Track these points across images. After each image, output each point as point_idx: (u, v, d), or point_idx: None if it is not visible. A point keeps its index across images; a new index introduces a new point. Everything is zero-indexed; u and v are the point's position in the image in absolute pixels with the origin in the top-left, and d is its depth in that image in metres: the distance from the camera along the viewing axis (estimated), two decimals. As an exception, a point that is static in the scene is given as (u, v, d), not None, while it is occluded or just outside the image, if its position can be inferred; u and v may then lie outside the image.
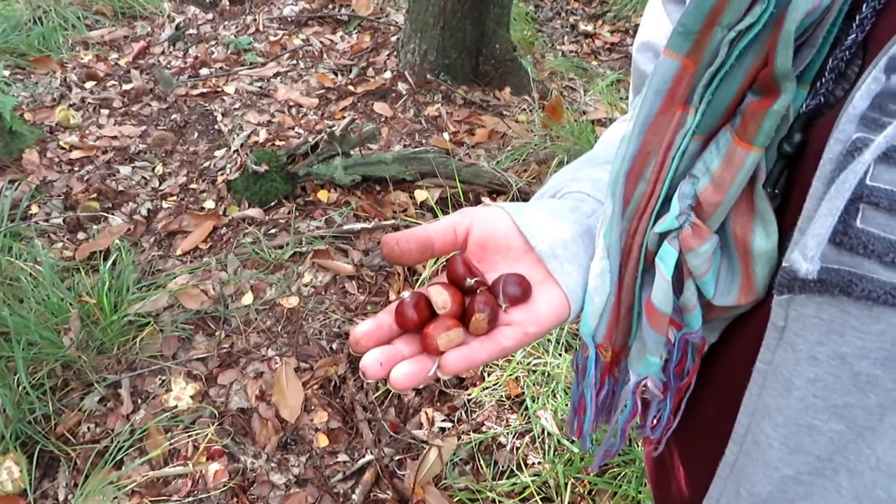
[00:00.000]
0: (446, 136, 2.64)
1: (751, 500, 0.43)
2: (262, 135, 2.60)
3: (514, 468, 1.58)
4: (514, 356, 1.78)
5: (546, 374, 1.74)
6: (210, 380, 1.75)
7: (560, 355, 1.77)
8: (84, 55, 3.08)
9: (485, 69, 2.97)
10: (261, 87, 2.93)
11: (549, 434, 1.62)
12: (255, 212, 2.22)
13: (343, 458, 1.61)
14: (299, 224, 2.18)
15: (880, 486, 0.38)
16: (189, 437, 1.61)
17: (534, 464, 1.60)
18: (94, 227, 2.18)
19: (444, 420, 1.68)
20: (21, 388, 1.60)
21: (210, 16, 3.48)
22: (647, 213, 0.46)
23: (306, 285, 1.99)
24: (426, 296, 0.46)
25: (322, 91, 2.90)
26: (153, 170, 2.47)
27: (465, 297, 0.46)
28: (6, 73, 2.84)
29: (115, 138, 2.59)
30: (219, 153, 2.52)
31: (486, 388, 1.74)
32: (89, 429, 1.64)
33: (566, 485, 1.52)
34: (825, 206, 0.34)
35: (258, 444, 1.62)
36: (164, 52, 3.18)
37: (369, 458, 1.60)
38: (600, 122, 2.78)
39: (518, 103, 2.89)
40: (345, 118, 2.41)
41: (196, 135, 2.65)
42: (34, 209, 2.22)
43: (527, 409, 1.68)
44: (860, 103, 0.34)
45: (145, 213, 2.26)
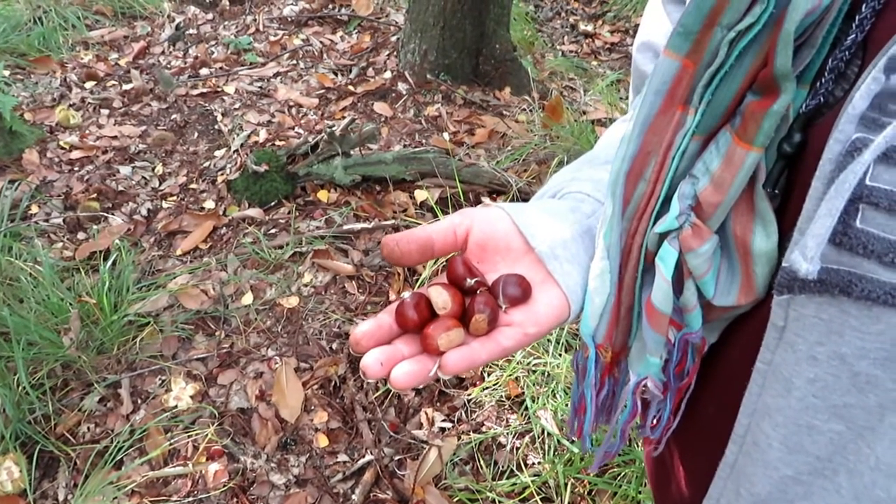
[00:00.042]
0: (446, 136, 2.64)
1: (751, 500, 0.43)
2: (262, 135, 2.60)
3: (514, 468, 1.58)
4: (514, 356, 1.78)
5: (546, 374, 1.74)
6: (210, 380, 1.75)
7: (560, 355, 1.77)
8: (84, 55, 3.08)
9: (485, 69, 2.97)
10: (261, 87, 2.93)
11: (549, 434, 1.62)
12: (255, 212, 2.22)
13: (343, 458, 1.61)
14: (299, 224, 2.18)
15: (880, 486, 0.38)
16: (189, 437, 1.61)
17: (534, 464, 1.60)
18: (94, 227, 2.18)
19: (444, 420, 1.68)
20: (21, 388, 1.60)
21: (210, 16, 3.48)
22: (647, 213, 0.46)
23: (306, 285, 1.99)
24: (426, 296, 0.46)
25: (322, 91, 2.90)
26: (153, 170, 2.47)
27: (466, 297, 0.46)
28: (6, 73, 2.84)
29: (115, 138, 2.59)
30: (219, 153, 2.52)
31: (486, 388, 1.74)
32: (89, 429, 1.64)
33: (566, 485, 1.52)
34: (825, 207, 0.34)
35: (258, 445, 1.62)
36: (164, 52, 3.18)
37: (369, 458, 1.60)
38: (600, 122, 2.78)
39: (518, 103, 2.89)
40: (345, 118, 2.41)
41: (196, 135, 2.65)
42: (34, 209, 2.22)
43: (527, 409, 1.68)
44: (860, 103, 0.34)
45: (145, 213, 2.26)
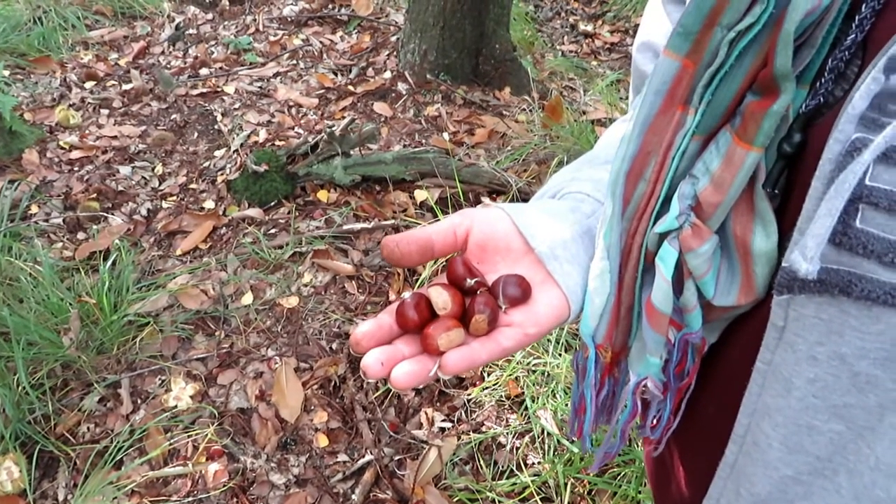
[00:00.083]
0: (446, 136, 2.64)
1: (751, 500, 0.43)
2: (262, 135, 2.60)
3: (514, 468, 1.58)
4: (513, 356, 1.78)
5: (546, 374, 1.74)
6: (210, 380, 1.75)
7: (560, 355, 1.77)
8: (84, 55, 3.08)
9: (485, 69, 2.97)
10: (261, 87, 2.93)
11: (549, 434, 1.62)
12: (255, 212, 2.22)
13: (343, 458, 1.61)
14: (299, 224, 2.18)
15: (880, 486, 0.38)
16: (189, 437, 1.61)
17: (534, 464, 1.60)
18: (94, 227, 2.18)
19: (443, 420, 1.68)
20: (21, 388, 1.60)
21: (210, 16, 3.48)
22: (647, 213, 0.46)
23: (306, 285, 1.99)
24: (426, 296, 0.46)
25: (322, 91, 2.90)
26: (153, 170, 2.47)
27: (466, 297, 0.46)
28: (6, 73, 2.84)
29: (115, 138, 2.59)
30: (219, 153, 2.52)
31: (486, 388, 1.74)
32: (89, 429, 1.64)
33: (566, 485, 1.52)
34: (825, 207, 0.34)
35: (258, 444, 1.62)
36: (163, 52, 3.18)
37: (369, 458, 1.60)
38: (600, 122, 2.78)
39: (518, 103, 2.89)
40: (345, 118, 2.41)
41: (196, 135, 2.65)
42: (34, 209, 2.22)
43: (527, 409, 1.68)
44: (859, 103, 0.34)
45: (145, 213, 2.26)
